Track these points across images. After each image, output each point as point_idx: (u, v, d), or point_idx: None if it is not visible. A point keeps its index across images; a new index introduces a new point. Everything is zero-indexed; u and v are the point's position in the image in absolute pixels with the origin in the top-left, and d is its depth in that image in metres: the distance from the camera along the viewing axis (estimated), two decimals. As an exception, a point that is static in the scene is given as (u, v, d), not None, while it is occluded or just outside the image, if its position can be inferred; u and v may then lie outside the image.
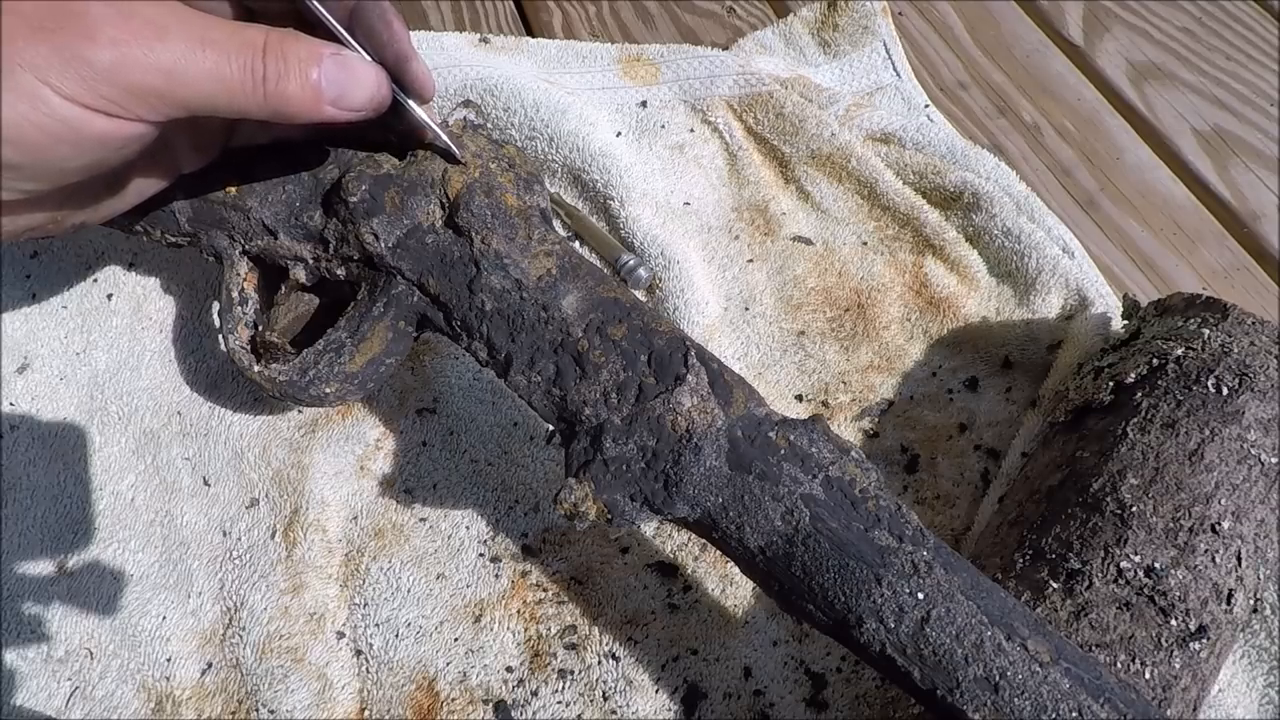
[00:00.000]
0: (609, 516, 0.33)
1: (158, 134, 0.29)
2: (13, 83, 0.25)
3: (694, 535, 0.43)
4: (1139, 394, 0.40)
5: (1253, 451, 0.37)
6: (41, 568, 0.43)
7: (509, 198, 0.37)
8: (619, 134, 0.57)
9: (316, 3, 0.32)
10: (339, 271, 0.39)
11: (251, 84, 0.28)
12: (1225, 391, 0.38)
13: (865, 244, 0.53)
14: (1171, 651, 0.34)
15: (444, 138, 0.36)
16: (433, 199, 0.37)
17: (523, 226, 0.37)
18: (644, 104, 0.58)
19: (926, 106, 0.60)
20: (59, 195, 0.30)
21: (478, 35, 0.61)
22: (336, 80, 0.30)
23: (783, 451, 0.32)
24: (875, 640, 0.30)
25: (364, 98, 0.32)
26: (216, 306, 0.49)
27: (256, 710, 0.40)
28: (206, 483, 0.45)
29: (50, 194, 0.29)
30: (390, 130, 0.37)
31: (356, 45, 0.32)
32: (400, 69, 0.34)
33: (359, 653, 0.42)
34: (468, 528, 0.44)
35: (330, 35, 0.32)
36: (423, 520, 0.44)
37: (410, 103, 0.35)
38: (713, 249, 0.53)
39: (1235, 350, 0.39)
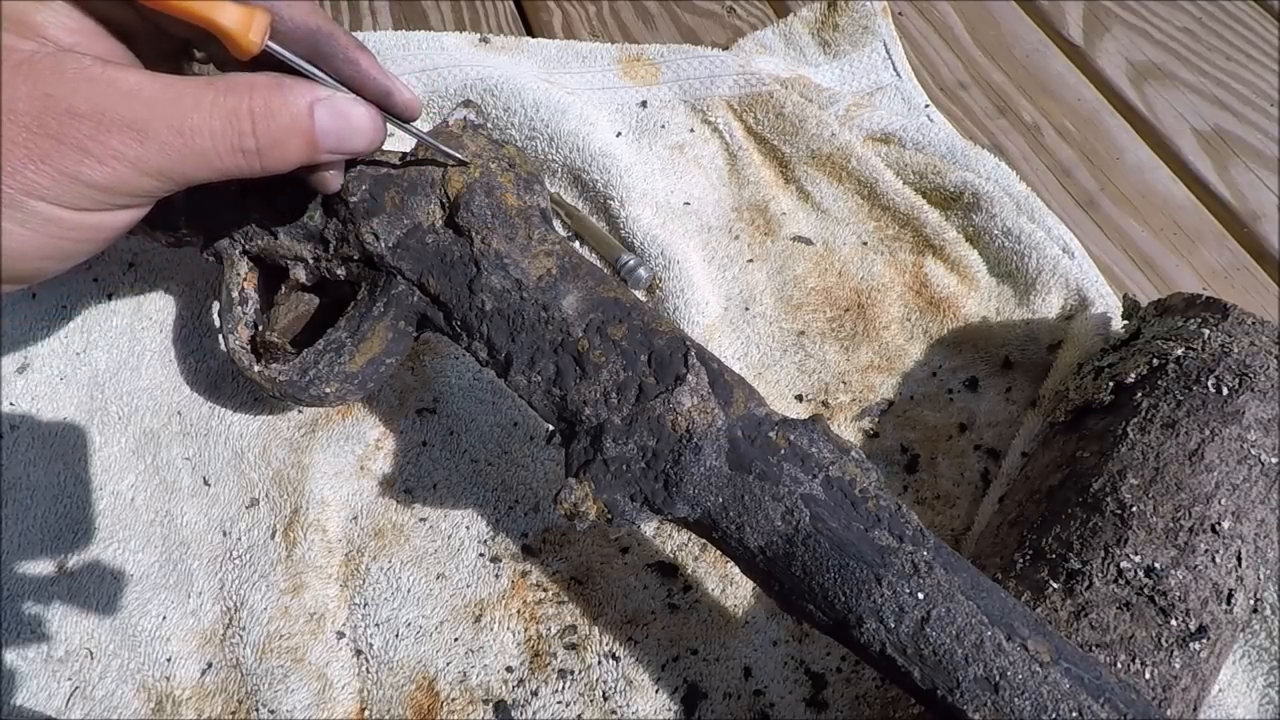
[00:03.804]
0: (609, 516, 0.33)
1: None
2: (26, 211, 0.26)
3: (694, 535, 0.43)
4: (1139, 394, 0.40)
5: (1253, 451, 0.37)
6: (41, 568, 0.43)
7: (509, 198, 0.37)
8: (619, 134, 0.57)
9: (289, 53, 0.30)
10: (339, 271, 0.39)
11: (245, 161, 0.29)
12: (1225, 391, 0.38)
13: (865, 244, 0.53)
14: (1171, 651, 0.34)
15: (441, 148, 0.36)
16: (433, 199, 0.37)
17: (523, 226, 0.37)
18: (644, 104, 0.58)
19: (926, 106, 0.60)
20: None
21: (478, 35, 0.61)
22: (332, 130, 0.30)
23: (783, 451, 0.32)
24: (875, 640, 0.30)
25: (363, 144, 0.31)
26: (216, 306, 0.49)
27: (256, 710, 0.40)
28: (206, 483, 0.45)
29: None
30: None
31: (337, 83, 0.31)
32: (386, 104, 0.32)
33: (359, 653, 0.42)
34: (468, 528, 0.44)
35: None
36: (423, 520, 0.44)
37: (402, 126, 0.33)
38: (713, 249, 0.53)
39: (1235, 350, 0.39)
